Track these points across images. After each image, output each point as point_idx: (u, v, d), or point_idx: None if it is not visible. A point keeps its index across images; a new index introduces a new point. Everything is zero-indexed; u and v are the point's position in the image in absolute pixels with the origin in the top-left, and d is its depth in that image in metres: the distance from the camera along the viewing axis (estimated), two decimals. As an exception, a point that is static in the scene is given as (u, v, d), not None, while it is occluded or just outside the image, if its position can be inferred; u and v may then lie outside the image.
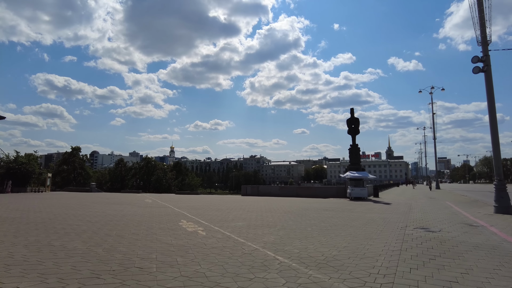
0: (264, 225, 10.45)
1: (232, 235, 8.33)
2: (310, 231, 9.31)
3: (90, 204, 19.18)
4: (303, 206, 18.34)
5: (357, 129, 29.72)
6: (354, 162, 29.18)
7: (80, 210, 15.39)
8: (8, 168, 36.66)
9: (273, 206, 18.71)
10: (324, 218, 12.51)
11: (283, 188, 35.90)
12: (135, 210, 15.83)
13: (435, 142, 56.53)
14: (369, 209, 17.31)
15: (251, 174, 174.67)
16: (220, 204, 20.69)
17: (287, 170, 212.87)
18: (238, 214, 14.02)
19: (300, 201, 23.15)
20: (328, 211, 15.52)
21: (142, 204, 19.77)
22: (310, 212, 15.10)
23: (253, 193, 33.84)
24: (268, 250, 6.59)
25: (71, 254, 6.04)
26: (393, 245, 7.19)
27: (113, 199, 25.15)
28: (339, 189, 30.67)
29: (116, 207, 17.60)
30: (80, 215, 12.88)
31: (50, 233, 8.51)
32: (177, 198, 28.12)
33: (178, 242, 7.35)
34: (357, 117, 30.00)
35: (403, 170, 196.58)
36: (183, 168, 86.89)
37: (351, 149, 29.47)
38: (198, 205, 19.21)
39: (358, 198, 26.35)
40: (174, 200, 24.64)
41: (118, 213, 14.18)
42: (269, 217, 12.62)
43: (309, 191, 31.70)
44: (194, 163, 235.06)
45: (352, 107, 30.28)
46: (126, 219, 11.74)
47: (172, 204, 19.90)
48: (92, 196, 30.89)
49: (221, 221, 11.36)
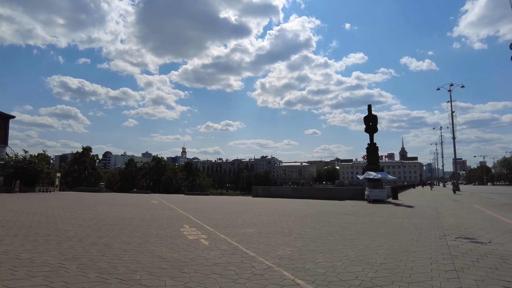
0: (278, 232, 9.03)
1: (240, 246, 6.94)
2: (333, 241, 7.85)
3: (92, 205, 18.11)
4: (320, 210, 16.84)
5: (375, 127, 28.00)
6: (372, 162, 27.47)
7: (78, 212, 14.26)
8: (16, 168, 36.18)
9: (287, 209, 17.27)
10: (345, 224, 11.01)
11: (296, 190, 34.35)
12: (137, 212, 14.62)
13: (454, 142, 53.87)
14: (392, 213, 15.71)
15: (262, 175, 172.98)
16: (230, 206, 19.36)
17: (298, 171, 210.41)
18: (248, 218, 12.64)
19: (315, 204, 21.63)
20: (348, 216, 14.00)
21: (147, 206, 18.59)
22: (328, 216, 13.61)
23: (265, 194, 32.42)
24: (284, 269, 5.18)
25: (33, 273, 4.75)
26: (441, 262, 5.69)
27: (119, 200, 24.11)
28: (356, 190, 28.98)
29: (118, 208, 16.45)
30: (75, 218, 11.72)
31: (28, 241, 7.29)
32: (185, 199, 26.93)
33: (174, 256, 6.00)
34: (375, 114, 28.29)
35: (417, 171, 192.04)
36: (194, 169, 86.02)
37: (369, 148, 27.75)
38: (205, 207, 17.92)
39: (377, 200, 24.67)
40: (181, 201, 23.44)
41: (117, 215, 12.98)
42: (283, 223, 11.20)
43: (324, 193, 30.07)
44: (205, 163, 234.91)
45: (369, 104, 28.60)
46: (123, 223, 10.49)
47: (178, 206, 18.66)
48: (99, 196, 30.00)
49: (228, 227, 9.99)
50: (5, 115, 42.54)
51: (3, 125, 42.51)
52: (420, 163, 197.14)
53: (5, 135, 42.90)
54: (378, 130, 28.19)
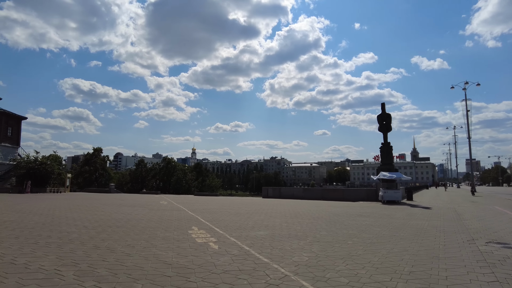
0: (292, 235, 8.48)
1: (252, 251, 6.41)
2: (352, 245, 7.26)
3: (101, 206, 17.83)
4: (333, 211, 16.20)
5: (389, 126, 27.19)
6: (386, 162, 26.66)
7: (85, 213, 13.94)
8: (28, 169, 36.38)
9: (299, 210, 16.68)
10: (362, 227, 10.39)
11: (307, 190, 33.62)
12: (145, 213, 14.23)
13: (470, 141, 52.24)
14: (410, 214, 14.99)
15: (272, 176, 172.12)
16: (240, 207, 18.86)
17: (308, 171, 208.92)
18: (260, 219, 12.10)
19: (328, 205, 20.97)
20: (364, 217, 13.34)
21: (155, 207, 18.23)
22: (343, 218, 12.98)
23: (275, 195, 31.84)
24: (302, 278, 4.63)
25: (25, 281, 4.30)
26: (479, 271, 5.06)
27: (128, 201, 23.85)
28: (369, 191, 28.19)
29: (126, 209, 16.11)
30: (81, 219, 11.37)
31: (28, 243, 6.90)
32: (195, 200, 26.54)
33: (180, 261, 5.51)
34: (388, 113, 27.47)
35: (429, 172, 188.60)
36: (204, 169, 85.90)
37: (383, 147, 26.95)
38: (215, 208, 17.46)
39: (391, 201, 23.87)
40: (190, 202, 23.04)
41: (125, 216, 12.60)
42: (296, 225, 10.63)
43: (336, 194, 29.33)
44: (215, 164, 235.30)
45: (383, 102, 27.81)
46: (130, 225, 10.08)
47: (187, 207, 18.25)
48: (109, 197, 29.86)
49: (239, 229, 9.48)
50: (18, 116, 42.96)
51: (16, 126, 42.94)
52: (432, 163, 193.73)
53: (18, 136, 43.32)
54: (390, 130, 27.35)
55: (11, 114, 41.44)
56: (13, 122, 42.22)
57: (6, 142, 40.63)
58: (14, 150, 41.96)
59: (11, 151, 41.42)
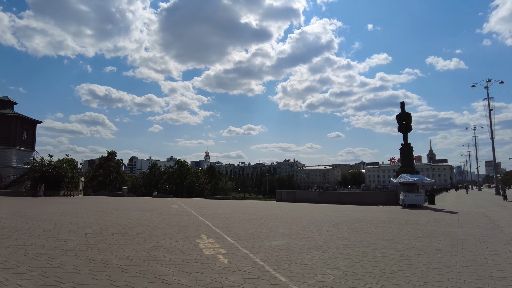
0: (311, 246, 7.53)
1: (267, 267, 5.51)
2: (382, 258, 6.27)
3: (109, 211, 17.24)
4: (353, 216, 15.12)
5: (409, 126, 25.87)
6: (407, 164, 25.31)
7: (91, 218, 13.32)
8: (42, 172, 36.47)
9: (316, 215, 15.67)
10: (389, 235, 9.34)
11: (323, 194, 32.36)
12: (153, 218, 13.51)
13: (493, 142, 49.88)
14: (437, 220, 13.79)
15: (285, 179, 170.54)
16: (253, 212, 17.97)
17: (322, 174, 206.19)
18: (274, 226, 11.18)
19: (346, 210, 19.87)
20: (388, 224, 12.26)
21: (165, 211, 17.53)
22: (365, 224, 11.92)
23: (289, 198, 30.81)
24: (331, 306, 3.69)
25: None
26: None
27: (139, 204, 23.30)
28: (388, 195, 26.85)
29: (134, 214, 15.44)
30: (84, 225, 10.70)
31: (17, 255, 6.18)
32: (206, 204, 25.79)
33: (182, 280, 4.65)
34: (409, 112, 26.15)
35: (447, 174, 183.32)
36: (217, 172, 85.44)
37: (403, 148, 25.63)
38: (227, 213, 16.62)
39: (413, 205, 22.56)
40: (202, 206, 22.30)
41: (131, 222, 11.89)
42: (315, 233, 9.66)
43: (354, 198, 28.10)
44: (228, 167, 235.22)
45: (402, 101, 26.53)
46: (133, 232, 9.32)
47: (198, 211, 17.47)
48: (120, 201, 29.46)
49: (252, 238, 8.59)
50: (33, 120, 43.33)
51: (31, 130, 43.33)
52: (450, 165, 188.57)
53: (33, 140, 43.71)
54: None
55: (26, 118, 41.81)
56: (28, 126, 42.59)
57: (21, 146, 40.98)
58: (29, 154, 42.29)
59: (26, 154, 41.77)
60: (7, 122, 39.40)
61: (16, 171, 39.60)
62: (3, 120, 39.28)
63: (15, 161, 39.92)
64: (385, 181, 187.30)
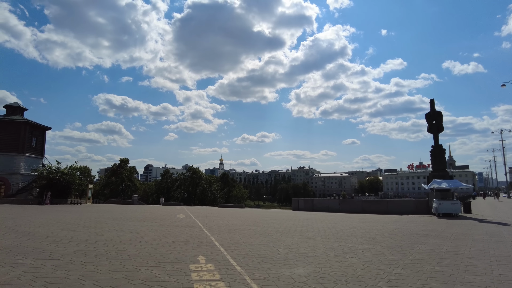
0: (350, 276, 5.31)
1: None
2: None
3: (108, 221, 15.39)
4: (386, 229, 12.73)
5: (441, 125, 23.30)
6: (439, 168, 22.68)
7: (78, 230, 11.43)
8: (49, 179, 35.31)
9: (341, 228, 13.34)
10: (447, 256, 7.00)
11: (344, 202, 29.54)
12: (149, 231, 11.51)
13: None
14: (492, 234, 11.28)
15: (300, 186, 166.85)
16: (267, 223, 15.77)
17: (338, 182, 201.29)
18: (294, 243, 8.97)
19: (374, 220, 17.43)
20: (434, 239, 9.87)
21: (168, 221, 15.54)
22: (406, 240, 9.57)
23: (307, 207, 28.39)
24: None
25: None
26: None
27: (143, 214, 21.43)
28: (418, 203, 24.13)
29: (131, 225, 13.51)
30: (60, 240, 8.77)
31: None
32: (217, 213, 23.72)
33: None
34: (439, 110, 23.55)
35: (469, 181, 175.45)
36: (230, 180, 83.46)
37: (434, 151, 23.01)
38: (237, 225, 14.49)
39: (448, 214, 19.93)
40: (211, 216, 20.24)
41: (121, 236, 9.91)
42: (348, 253, 7.42)
43: (379, 206, 25.47)
44: (242, 175, 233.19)
45: (432, 99, 23.93)
46: (115, 251, 7.31)
47: (205, 222, 15.41)
48: (126, 209, 27.74)
49: (265, 262, 6.43)
50: (42, 126, 42.52)
51: (40, 136, 42.51)
52: (472, 172, 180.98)
53: (42, 146, 42.86)
54: (421, 138, 25.58)
55: (35, 125, 40.99)
56: (37, 132, 41.77)
57: (30, 152, 40.10)
58: (38, 160, 41.38)
59: (35, 161, 40.85)
60: (15, 128, 38.58)
61: (24, 178, 38.64)
62: (12, 126, 38.49)
63: (23, 168, 38.99)
64: (403, 188, 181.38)
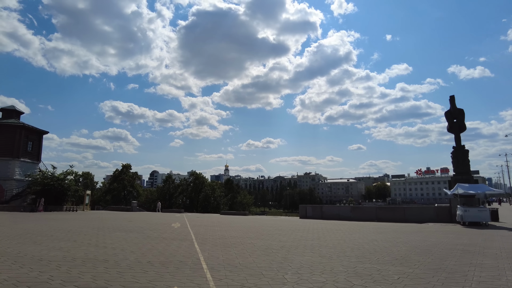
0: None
1: None
2: None
3: (89, 231, 13.50)
4: (412, 242, 10.63)
5: (463, 124, 21.13)
6: (462, 171, 20.46)
7: (51, 242, 9.52)
8: (43, 185, 33.66)
9: (360, 241, 11.27)
10: None
11: (357, 210, 27.09)
12: (130, 245, 9.57)
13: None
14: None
15: (307, 192, 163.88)
16: (271, 234, 13.75)
17: (345, 188, 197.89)
18: (305, 265, 6.95)
19: (393, 230, 15.30)
20: (479, 256, 7.79)
21: (158, 232, 13.59)
22: (446, 259, 7.49)
23: (315, 215, 26.24)
24: None
25: None
26: None
27: (135, 222, 19.53)
28: (439, 210, 21.90)
29: (114, 236, 11.59)
30: (21, 256, 6.87)
31: None
32: (217, 221, 21.73)
33: None
34: (461, 108, 21.40)
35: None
36: (234, 186, 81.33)
37: (456, 152, 20.83)
38: (236, 237, 12.49)
39: (475, 223, 17.74)
40: (209, 225, 18.26)
41: (92, 252, 7.97)
42: (382, 284, 5.39)
43: (395, 214, 23.20)
44: (248, 181, 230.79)
45: (452, 95, 21.81)
46: (69, 275, 5.38)
47: (200, 233, 13.43)
48: (120, 217, 25.85)
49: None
50: (39, 130, 41.03)
51: (37, 141, 40.99)
52: (483, 177, 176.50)
53: (39, 151, 41.30)
54: (428, 144, 24.38)
55: (31, 128, 39.52)
56: (33, 136, 40.26)
57: (25, 157, 38.55)
58: (34, 165, 39.82)
59: (31, 166, 39.26)
60: (10, 132, 37.07)
61: (19, 184, 37.02)
62: (6, 130, 36.99)
63: (18, 173, 37.39)
64: (411, 194, 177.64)
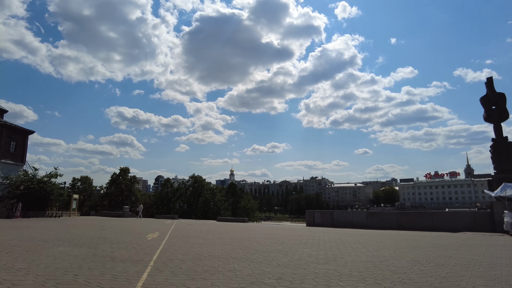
0: None
1: None
2: None
3: (26, 244, 10.12)
4: (461, 260, 7.00)
5: (504, 111, 17.47)
6: (505, 168, 16.75)
7: None
8: (24, 188, 30.53)
9: (398, 264, 7.68)
10: None
11: (374, 216, 22.54)
12: (50, 271, 6.15)
13: None
14: None
15: (313, 197, 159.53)
16: (268, 251, 10.22)
17: (352, 192, 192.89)
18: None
19: (429, 244, 11.65)
20: None
21: (117, 247, 10.13)
22: None
23: (325, 222, 22.56)
24: None
25: None
26: None
27: (108, 231, 16.11)
28: (477, 216, 18.13)
29: (52, 253, 8.18)
30: None
31: None
32: (206, 230, 18.21)
33: None
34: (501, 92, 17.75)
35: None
36: (238, 190, 77.56)
37: (497, 145, 17.14)
38: (217, 256, 8.99)
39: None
40: (194, 236, 14.78)
41: None
42: None
43: (421, 220, 19.26)
44: (253, 185, 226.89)
45: (490, 77, 18.16)
46: None
47: (171, 250, 9.97)
48: (99, 223, 22.47)
49: None
50: (23, 130, 38.12)
51: (21, 140, 37.95)
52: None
53: (23, 152, 38.26)
54: (434, 147, 20.91)
55: (14, 127, 36.59)
56: (17, 136, 37.25)
57: (7, 158, 35.53)
58: (17, 167, 36.76)
59: (14, 168, 36.19)
60: (-10, 131, 34.18)
61: (0, 187, 34.00)
62: (-15, 129, 34.10)
63: (-2, 176, 34.35)
64: (420, 198, 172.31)
